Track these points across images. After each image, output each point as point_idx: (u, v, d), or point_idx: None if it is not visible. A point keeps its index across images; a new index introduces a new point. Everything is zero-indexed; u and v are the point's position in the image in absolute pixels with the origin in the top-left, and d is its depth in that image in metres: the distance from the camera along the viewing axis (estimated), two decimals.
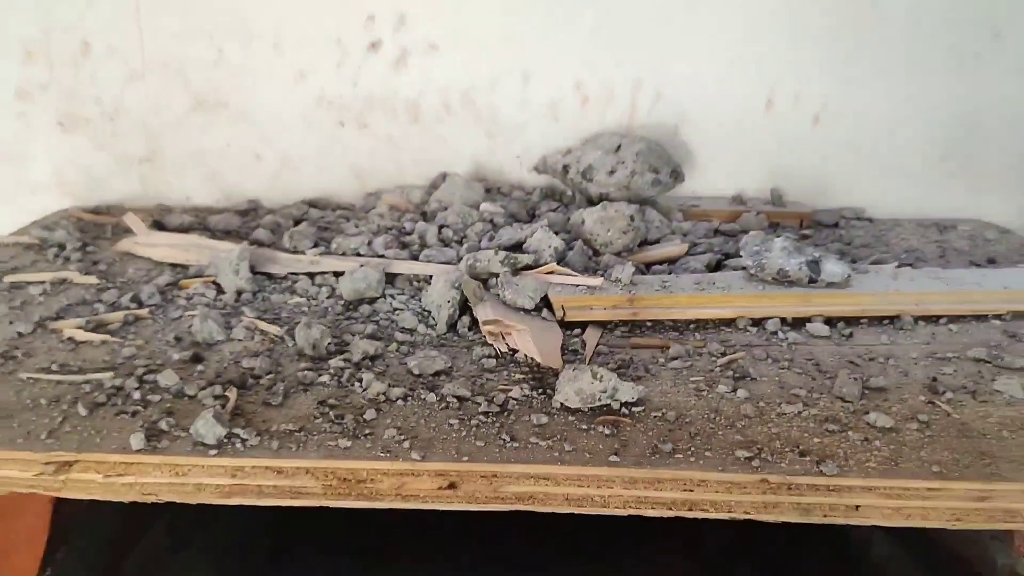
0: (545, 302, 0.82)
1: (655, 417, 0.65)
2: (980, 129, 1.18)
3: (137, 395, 0.66)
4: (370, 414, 0.64)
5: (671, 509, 0.58)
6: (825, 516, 0.57)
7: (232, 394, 0.66)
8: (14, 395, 0.67)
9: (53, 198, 1.20)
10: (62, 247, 0.99)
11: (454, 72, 1.16)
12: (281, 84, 1.16)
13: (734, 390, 0.68)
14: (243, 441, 0.60)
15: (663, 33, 1.13)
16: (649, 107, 1.17)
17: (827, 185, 1.20)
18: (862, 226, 1.15)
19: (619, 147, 1.05)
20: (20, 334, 0.77)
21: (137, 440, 0.60)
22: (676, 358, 0.74)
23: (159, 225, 1.07)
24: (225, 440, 0.60)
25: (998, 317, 0.83)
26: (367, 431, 0.62)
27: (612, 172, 1.04)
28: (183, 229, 1.06)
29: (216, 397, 0.66)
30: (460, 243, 0.96)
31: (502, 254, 0.85)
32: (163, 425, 0.62)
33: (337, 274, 0.89)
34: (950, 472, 0.58)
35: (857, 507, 0.57)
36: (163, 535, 0.94)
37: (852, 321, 0.82)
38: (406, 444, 0.61)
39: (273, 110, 1.17)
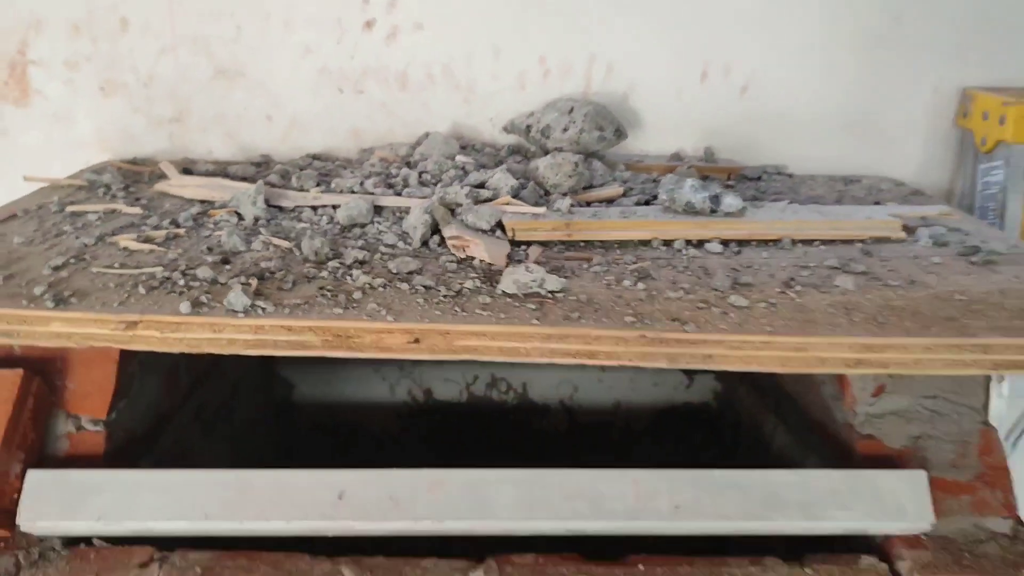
0: (499, 226, 1.03)
1: (571, 300, 0.86)
2: (884, 100, 1.39)
3: (182, 282, 0.87)
4: (357, 295, 0.85)
5: (575, 358, 0.79)
6: (687, 363, 0.78)
7: (254, 282, 0.87)
8: (88, 282, 0.88)
9: (95, 152, 1.41)
10: (108, 187, 1.20)
11: (437, 47, 1.36)
12: (290, 57, 1.37)
13: (635, 284, 0.89)
14: (263, 309, 0.82)
15: (614, 14, 1.34)
16: (602, 78, 1.38)
17: (754, 145, 1.40)
18: (781, 179, 1.36)
19: (572, 110, 1.26)
20: (86, 245, 0.98)
21: (185, 307, 0.81)
22: (597, 265, 0.95)
23: (187, 172, 1.28)
24: (249, 308, 0.81)
25: (861, 241, 1.04)
26: (355, 305, 0.83)
27: (565, 130, 1.25)
28: (207, 175, 1.27)
29: (242, 284, 0.87)
30: (436, 184, 1.17)
31: (467, 188, 1.06)
32: (203, 299, 0.83)
33: (335, 207, 1.10)
34: (779, 331, 0.79)
35: (710, 355, 0.78)
36: (192, 420, 1.15)
37: (743, 243, 1.03)
38: (383, 312, 0.82)
39: (283, 79, 1.38)
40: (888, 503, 0.80)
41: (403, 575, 0.79)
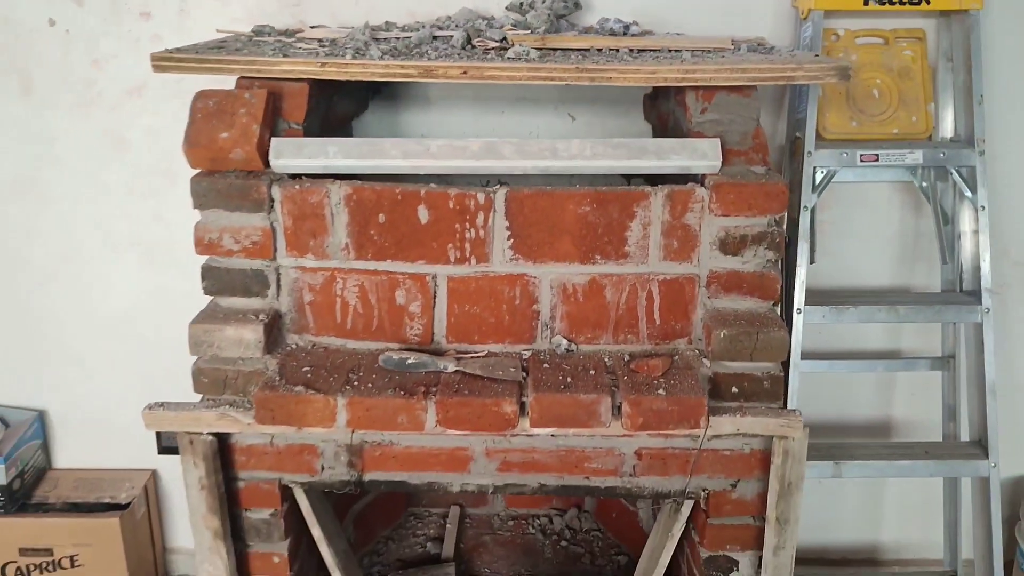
0: (504, 40, 1.83)
1: (543, 61, 1.66)
2: None
3: (340, 53, 1.67)
4: (431, 58, 1.66)
5: (543, 80, 1.59)
6: (600, 81, 1.58)
7: (380, 51, 1.67)
8: (291, 53, 1.68)
9: (244, 27, 2.20)
10: (270, 33, 2.01)
11: None
12: None
13: (578, 58, 1.70)
14: (389, 57, 1.62)
15: None
16: None
17: (666, 22, 2.19)
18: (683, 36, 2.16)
19: None
20: (277, 46, 1.78)
21: (348, 56, 1.61)
22: (559, 55, 1.75)
23: (314, 28, 2.09)
24: (379, 58, 1.62)
25: (708, 50, 1.84)
26: (431, 59, 1.64)
27: (543, 2, 2.05)
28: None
29: (377, 50, 1.67)
30: None
31: (486, 22, 1.87)
32: (355, 56, 1.64)
33: (408, 37, 1.90)
34: (643, 66, 1.60)
35: (610, 77, 1.59)
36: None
37: (642, 51, 1.83)
38: (448, 61, 1.62)
39: None
40: (699, 152, 1.61)
41: (462, 186, 1.60)
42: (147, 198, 2.31)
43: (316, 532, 1.79)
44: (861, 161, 2.06)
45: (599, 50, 1.82)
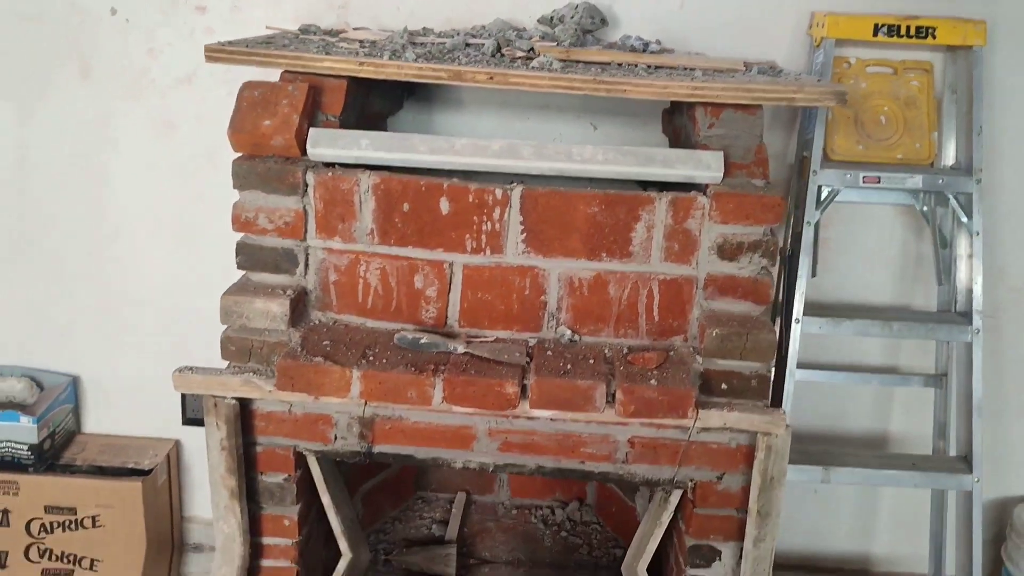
0: (531, 51, 1.96)
1: (565, 70, 1.79)
2: (766, 17, 2.29)
3: (378, 54, 1.81)
4: (462, 63, 1.79)
5: (563, 89, 1.72)
6: (616, 93, 1.71)
7: (414, 55, 1.81)
8: (334, 50, 1.82)
9: (292, 25, 2.35)
10: (316, 32, 2.15)
11: None
12: None
13: (597, 71, 1.82)
14: (421, 60, 1.75)
15: None
16: None
17: (687, 41, 2.31)
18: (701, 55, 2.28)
19: (576, 6, 2.20)
20: (321, 44, 1.92)
21: (386, 56, 1.75)
22: (581, 66, 1.88)
23: (357, 29, 2.23)
24: (414, 60, 1.75)
25: (721, 70, 1.96)
26: (461, 64, 1.77)
27: (572, 17, 2.18)
28: None
29: (413, 53, 1.80)
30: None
31: (515, 33, 2.00)
32: (391, 57, 1.77)
33: (444, 43, 2.04)
34: (656, 82, 1.72)
35: (625, 89, 1.71)
36: None
37: (659, 67, 1.95)
38: (475, 67, 1.75)
39: None
40: (703, 163, 1.72)
41: (482, 182, 1.73)
42: (189, 180, 2.46)
43: (326, 499, 1.92)
44: (864, 182, 2.17)
45: (619, 64, 1.94)
